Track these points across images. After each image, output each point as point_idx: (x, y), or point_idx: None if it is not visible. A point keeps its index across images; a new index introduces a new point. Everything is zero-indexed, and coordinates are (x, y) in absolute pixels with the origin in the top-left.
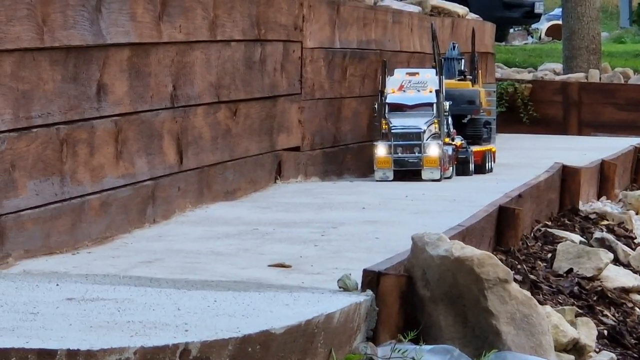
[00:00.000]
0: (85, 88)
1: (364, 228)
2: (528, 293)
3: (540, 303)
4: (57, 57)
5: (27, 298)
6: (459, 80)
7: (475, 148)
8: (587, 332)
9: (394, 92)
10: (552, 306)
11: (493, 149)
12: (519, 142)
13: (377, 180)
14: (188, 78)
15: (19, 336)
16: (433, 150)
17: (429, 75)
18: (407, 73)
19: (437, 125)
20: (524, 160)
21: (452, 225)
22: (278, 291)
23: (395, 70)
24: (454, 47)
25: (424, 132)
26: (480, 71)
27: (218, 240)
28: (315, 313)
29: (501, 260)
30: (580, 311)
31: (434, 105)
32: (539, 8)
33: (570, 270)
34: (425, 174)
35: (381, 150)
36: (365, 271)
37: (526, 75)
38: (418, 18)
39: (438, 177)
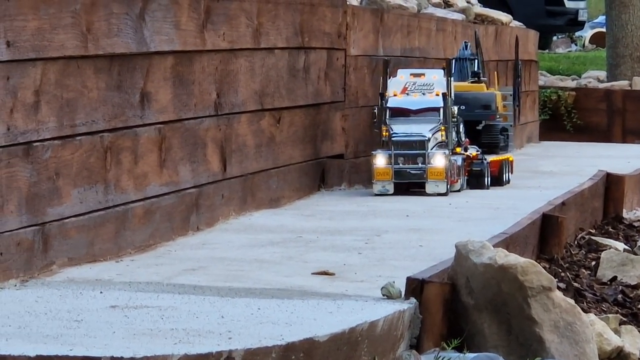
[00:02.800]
0: (129, 96)
1: (408, 236)
2: (572, 301)
3: (584, 311)
4: (101, 65)
5: (71, 305)
6: (472, 82)
7: (491, 158)
8: (631, 340)
9: (396, 95)
10: (596, 314)
11: (511, 159)
12: (562, 150)
13: (375, 194)
14: (232, 86)
15: (63, 343)
16: (438, 160)
17: (435, 77)
18: (411, 74)
19: (443, 133)
20: (567, 168)
21: (495, 233)
22: (322, 299)
23: (399, 71)
24: (466, 47)
25: (429, 140)
26: (496, 73)
27: (262, 248)
28: (359, 321)
29: (545, 268)
30: (624, 319)
31: (441, 110)
32: (582, 15)
33: (614, 278)
34: (429, 187)
35: (380, 160)
36: (409, 279)
37: (570, 83)
38: (462, 26)
39: (444, 190)
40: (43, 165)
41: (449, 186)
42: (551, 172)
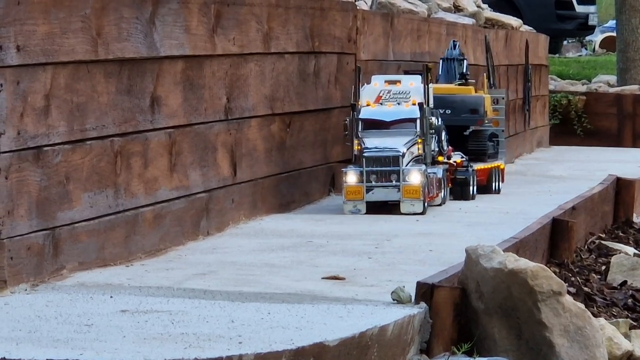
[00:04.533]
0: (139, 100)
1: (418, 240)
2: (582, 305)
3: (594, 315)
4: (111, 70)
5: (82, 310)
6: (459, 84)
7: (479, 166)
8: None
9: (369, 105)
10: (606, 318)
11: (501, 166)
12: (572, 155)
13: (347, 214)
14: (242, 90)
15: (73, 348)
16: (414, 177)
17: (412, 84)
18: (386, 81)
19: (420, 146)
20: (577, 172)
21: (505, 237)
22: (332, 303)
23: (373, 77)
24: (454, 46)
25: (403, 155)
26: (484, 75)
27: (272, 253)
28: (369, 325)
29: (555, 272)
30: (634, 323)
31: (417, 122)
32: (592, 20)
33: (625, 282)
34: (404, 207)
35: (351, 177)
36: (419, 283)
37: (580, 88)
38: (472, 30)
39: (420, 210)
40: (53, 169)
41: (426, 204)
42: (561, 177)
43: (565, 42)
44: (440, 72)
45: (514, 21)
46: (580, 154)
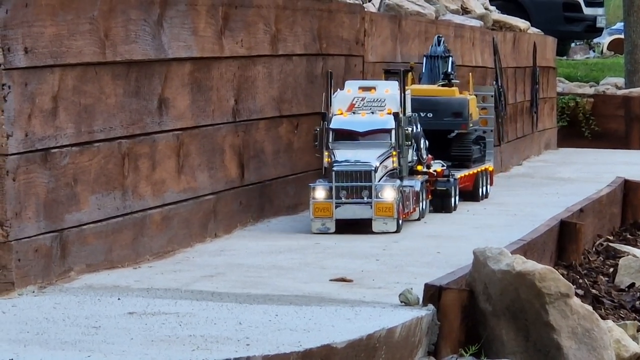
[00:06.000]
0: (146, 102)
1: (426, 242)
2: (590, 307)
3: (602, 317)
4: (119, 72)
5: (89, 312)
6: (442, 85)
7: (463, 173)
8: None
9: (341, 113)
10: (614, 321)
11: (490, 168)
12: (580, 157)
13: (314, 233)
14: (250, 92)
15: (81, 350)
16: (387, 194)
17: (388, 91)
18: (360, 87)
19: (395, 159)
20: (585, 174)
21: (513, 239)
22: (340, 305)
23: (347, 83)
24: (438, 42)
25: (376, 169)
26: (471, 74)
27: (279, 255)
28: (377, 327)
29: (562, 274)
30: None
31: (393, 132)
32: (600, 22)
33: (632, 284)
34: (376, 225)
35: (320, 193)
36: (426, 285)
37: (588, 90)
38: (480, 32)
39: (393, 229)
40: (61, 171)
41: (400, 222)
42: (569, 179)
43: (573, 45)
44: (423, 71)
45: (521, 23)
46: (588, 156)
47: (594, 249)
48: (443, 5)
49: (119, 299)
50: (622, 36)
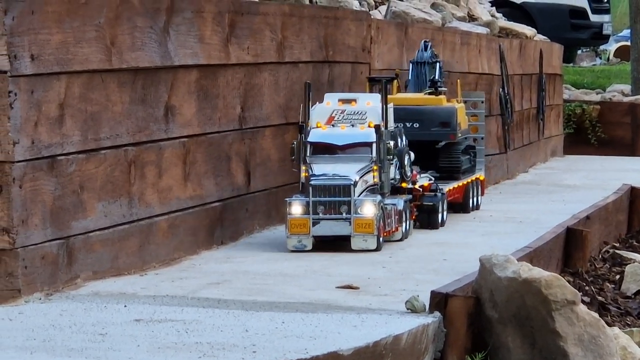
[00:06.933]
0: (153, 110)
1: (432, 249)
2: (596, 315)
3: (609, 325)
4: (125, 79)
5: (96, 319)
6: (428, 93)
7: (452, 185)
8: None
9: (319, 126)
10: (620, 328)
11: (481, 178)
12: (586, 164)
13: (291, 250)
14: (256, 100)
15: (88, 357)
16: (367, 209)
17: (369, 103)
18: (340, 100)
19: (376, 174)
20: (592, 181)
21: (519, 246)
22: (346, 313)
23: (326, 95)
24: (425, 47)
25: (355, 184)
26: (458, 81)
27: (285, 262)
28: (383, 334)
29: (569, 281)
30: None
31: (373, 146)
32: (607, 29)
33: (639, 291)
34: (355, 243)
35: (296, 208)
36: (433, 293)
37: (594, 97)
38: (486, 39)
39: (373, 246)
40: (67, 179)
41: (381, 240)
42: (575, 186)
43: (579, 52)
44: (409, 78)
45: (528, 30)
46: (594, 163)
47: (600, 256)
48: (449, 13)
49: (125, 306)
50: (628, 43)
